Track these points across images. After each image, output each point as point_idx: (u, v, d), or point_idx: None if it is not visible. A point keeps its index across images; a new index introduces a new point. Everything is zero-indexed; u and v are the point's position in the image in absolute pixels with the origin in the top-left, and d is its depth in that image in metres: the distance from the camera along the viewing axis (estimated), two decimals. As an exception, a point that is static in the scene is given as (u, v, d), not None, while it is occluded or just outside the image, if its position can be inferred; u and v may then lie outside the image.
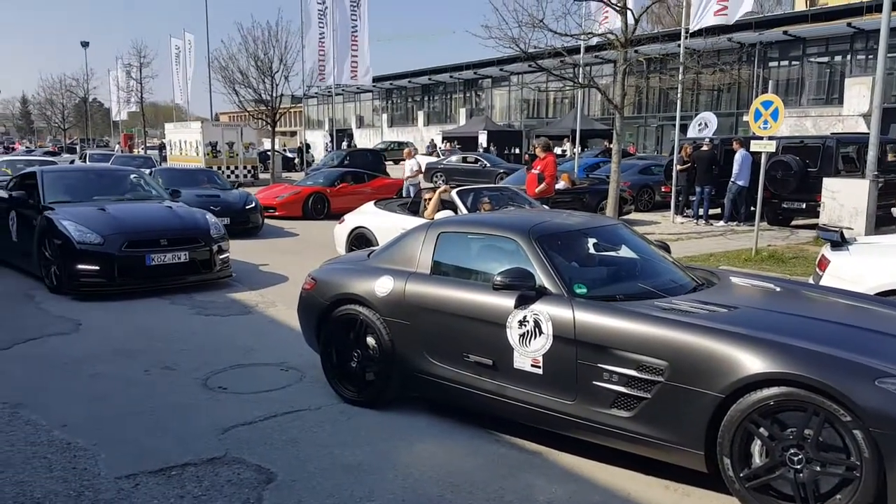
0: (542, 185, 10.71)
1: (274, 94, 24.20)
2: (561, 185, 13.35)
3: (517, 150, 36.53)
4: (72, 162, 24.81)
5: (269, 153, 27.51)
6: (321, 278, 4.85)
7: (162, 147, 40.14)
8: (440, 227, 4.50)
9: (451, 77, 47.08)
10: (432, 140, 40.66)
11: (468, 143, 37.06)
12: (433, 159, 33.42)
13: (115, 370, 5.26)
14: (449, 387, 4.11)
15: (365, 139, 55.15)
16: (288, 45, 24.72)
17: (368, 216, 9.59)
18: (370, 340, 4.47)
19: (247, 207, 12.64)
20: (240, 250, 10.67)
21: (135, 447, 3.90)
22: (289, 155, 38.75)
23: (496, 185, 11.92)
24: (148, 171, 14.62)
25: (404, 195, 15.31)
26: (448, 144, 36.37)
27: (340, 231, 9.87)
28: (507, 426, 4.14)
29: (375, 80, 51.86)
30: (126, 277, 7.61)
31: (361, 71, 28.58)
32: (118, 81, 42.78)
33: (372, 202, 10.14)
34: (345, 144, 37.22)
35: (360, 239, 9.47)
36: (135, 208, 8.56)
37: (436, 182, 24.00)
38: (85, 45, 48.43)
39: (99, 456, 3.79)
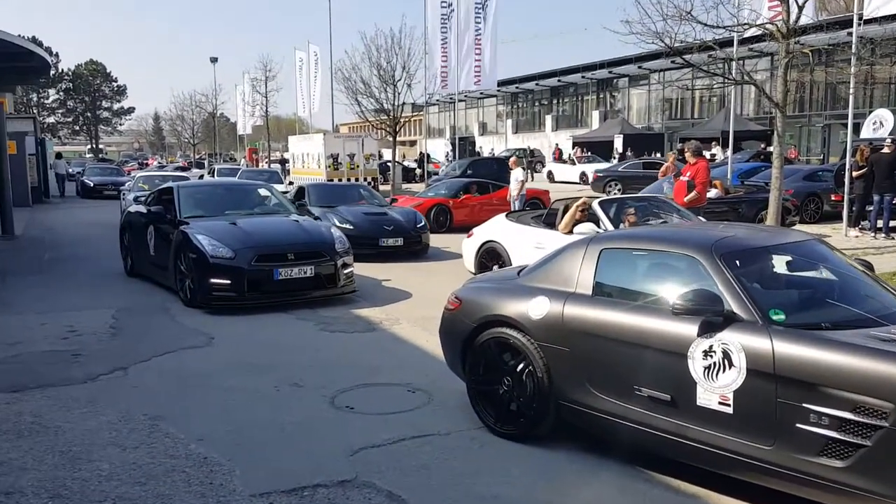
0: (692, 194, 10.30)
1: (396, 103, 25.07)
2: (713, 193, 12.76)
3: (658, 155, 35.35)
4: (201, 177, 26.99)
5: (389, 164, 28.48)
6: (467, 298, 4.78)
7: (284, 161, 42.69)
8: (602, 243, 4.32)
9: (582, 77, 46.55)
10: (557, 146, 40.19)
11: (601, 148, 36.43)
12: (566, 167, 33.10)
13: (246, 384, 5.62)
14: (615, 423, 3.89)
15: (488, 147, 55.70)
16: (411, 52, 25.57)
17: (499, 229, 9.51)
18: (523, 368, 4.33)
19: (418, 226, 12.41)
20: (360, 264, 11.05)
21: (267, 464, 4.14)
22: (410, 165, 39.77)
23: (643, 195, 11.56)
24: (280, 186, 15.24)
25: (518, 207, 15.25)
26: (578, 151, 35.88)
27: (469, 245, 9.91)
28: (657, 464, 3.98)
29: (500, 83, 52.46)
30: (254, 291, 8.10)
31: (485, 75, 28.94)
32: (244, 95, 46.01)
33: (503, 214, 10.04)
34: (488, 151, 37.20)
35: (490, 254, 9.46)
36: (264, 222, 9.11)
37: (609, 192, 23.41)
38: (214, 60, 52.62)
39: (234, 472, 4.05)
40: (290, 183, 25.93)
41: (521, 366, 4.34)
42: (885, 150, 13.50)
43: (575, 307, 4.13)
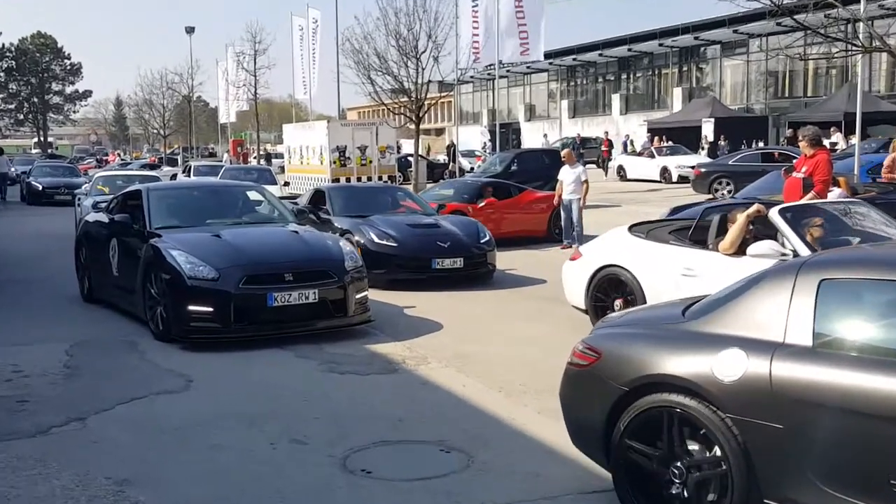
0: (809, 195, 10.11)
1: (419, 81, 25.16)
2: (836, 193, 12.54)
3: (761, 145, 34.93)
4: (173, 177, 27.46)
5: (410, 158, 28.64)
6: (610, 350, 4.47)
7: (268, 157, 43.06)
8: (820, 271, 3.99)
9: (660, 45, 46.46)
10: (609, 133, 39.79)
11: (684, 136, 36.12)
12: (642, 161, 32.81)
13: (234, 440, 5.67)
14: None
15: (537, 135, 55.61)
16: (438, 16, 25.72)
17: (624, 249, 8.58)
18: (706, 452, 4.02)
19: (481, 242, 11.80)
20: (398, 293, 10.95)
21: (263, 544, 4.16)
22: (438, 160, 39.72)
23: (843, 199, 11.06)
24: (275, 188, 15.29)
25: (563, 218, 15.10)
26: (657, 140, 35.65)
27: (576, 272, 8.98)
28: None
29: (551, 55, 52.52)
30: (243, 322, 8.18)
31: (533, 44, 28.97)
32: (227, 74, 46.82)
33: (623, 228, 9.08)
34: (553, 140, 36.76)
35: (612, 284, 8.52)
36: (254, 234, 9.20)
37: (717, 194, 22.88)
38: (190, 31, 53.65)
39: (221, 552, 4.08)
40: (286, 184, 26.23)
41: (702, 449, 4.03)
42: None
43: (789, 364, 3.78)
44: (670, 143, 34.75)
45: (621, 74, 52.22)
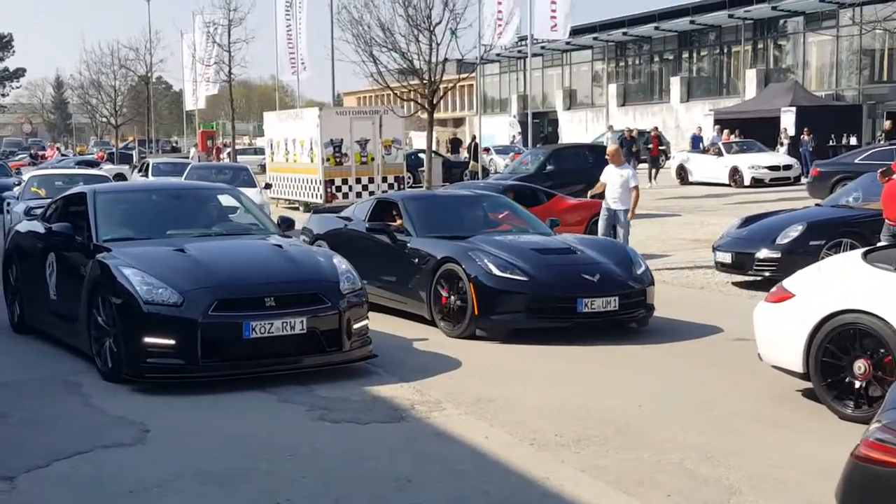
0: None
1: (434, 60, 25.20)
2: None
3: (853, 141, 34.79)
4: (118, 177, 27.53)
5: (421, 155, 28.66)
6: None
7: (232, 152, 42.81)
8: None
9: (730, 17, 46.53)
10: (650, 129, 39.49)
11: (758, 128, 36.02)
12: (708, 159, 32.61)
13: (200, 507, 5.65)
14: None
15: (578, 127, 55.71)
16: (456, -21, 25.70)
17: (867, 287, 7.47)
18: None
19: (638, 273, 10.83)
20: (376, 315, 11.00)
21: None
22: (456, 158, 39.65)
23: None
24: (253, 191, 15.02)
25: (601, 230, 14.91)
26: (726, 134, 35.55)
27: (786, 319, 7.86)
28: None
29: (598, 27, 52.48)
30: (213, 357, 8.14)
31: (562, 18, 28.87)
32: (195, 50, 46.86)
33: (856, 255, 8.13)
34: (620, 131, 36.41)
35: (851, 339, 7.38)
36: (227, 249, 9.21)
37: (842, 197, 22.49)
38: (147, -5, 54.02)
39: None
40: (267, 186, 26.27)
41: None
42: None
43: None
44: (742, 137, 34.72)
45: (682, 53, 52.23)
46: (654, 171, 33.17)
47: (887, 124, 31.16)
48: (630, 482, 5.93)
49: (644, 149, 35.05)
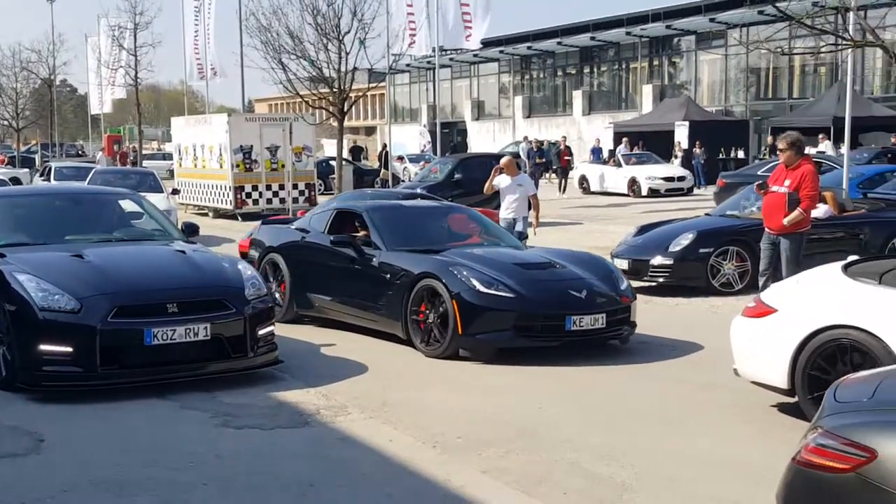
0: (794, 213, 10.50)
1: (343, 69, 25.13)
2: (821, 210, 12.93)
3: (741, 154, 35.84)
4: (13, 181, 26.76)
5: (332, 162, 28.54)
6: (891, 447, 4.07)
7: (135, 159, 41.99)
8: None
9: (628, 34, 47.60)
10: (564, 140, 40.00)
11: (655, 141, 36.91)
12: (608, 170, 33.22)
13: (97, 516, 5.48)
14: None
15: (486, 137, 56.08)
16: (366, -10, 25.66)
17: (856, 302, 7.26)
18: None
19: (622, 288, 10.19)
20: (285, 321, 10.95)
21: None
22: (365, 166, 39.66)
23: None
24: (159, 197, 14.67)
25: None
26: (627, 144, 36.25)
27: (768, 335, 7.57)
28: None
29: (503, 42, 53.00)
30: (113, 365, 7.93)
31: (477, 29, 29.14)
32: (100, 53, 45.73)
33: (835, 268, 7.85)
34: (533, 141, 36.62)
35: (838, 354, 7.17)
36: (129, 254, 8.96)
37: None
38: (51, -2, 52.69)
39: None
40: (175, 191, 25.86)
41: None
42: None
43: None
44: (645, 150, 35.52)
45: (584, 68, 53.15)
46: (563, 181, 33.69)
47: (770, 139, 32.14)
48: (529, 482, 5.96)
49: (555, 159, 35.71)
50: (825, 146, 28.48)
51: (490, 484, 5.92)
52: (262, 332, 8.57)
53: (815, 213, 11.58)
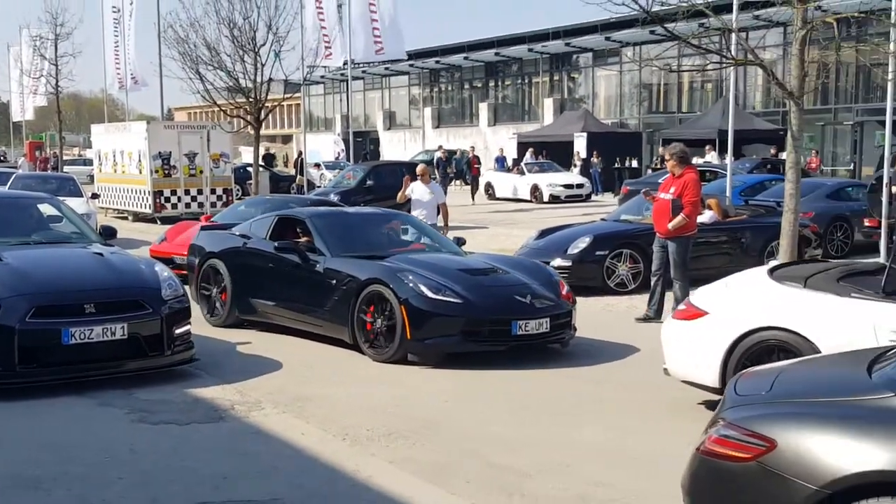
0: (678, 219, 10.89)
1: (259, 80, 25.10)
2: (706, 216, 13.49)
3: (634, 164, 36.91)
4: None
5: (250, 169, 28.42)
6: (788, 438, 4.15)
7: (55, 164, 41.34)
8: None
9: (530, 51, 48.14)
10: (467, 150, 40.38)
11: (556, 151, 37.63)
12: (512, 178, 33.77)
13: (12, 510, 5.49)
14: None
15: (398, 146, 56.20)
16: (279, 5, 25.70)
17: (785, 305, 7.37)
18: None
19: (564, 293, 10.23)
20: (201, 319, 10.96)
21: None
22: (283, 172, 39.54)
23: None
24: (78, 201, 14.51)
25: None
26: (530, 153, 36.86)
27: (698, 336, 7.58)
28: None
29: (413, 55, 52.96)
30: (31, 364, 7.91)
31: (389, 42, 29.17)
32: (22, 63, 44.86)
33: (762, 270, 8.17)
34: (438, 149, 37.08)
35: (768, 355, 7.18)
36: (47, 256, 8.93)
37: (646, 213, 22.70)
38: (-30, 7, 51.42)
39: None
40: (95, 196, 25.55)
41: None
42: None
43: None
44: (546, 157, 36.25)
45: (489, 81, 53.71)
46: (474, 189, 34.19)
47: (661, 150, 33.07)
48: (434, 471, 6.11)
49: (466, 168, 36.28)
50: (711, 157, 29.46)
51: (397, 473, 6.06)
52: (178, 331, 8.60)
53: (701, 219, 12.07)
